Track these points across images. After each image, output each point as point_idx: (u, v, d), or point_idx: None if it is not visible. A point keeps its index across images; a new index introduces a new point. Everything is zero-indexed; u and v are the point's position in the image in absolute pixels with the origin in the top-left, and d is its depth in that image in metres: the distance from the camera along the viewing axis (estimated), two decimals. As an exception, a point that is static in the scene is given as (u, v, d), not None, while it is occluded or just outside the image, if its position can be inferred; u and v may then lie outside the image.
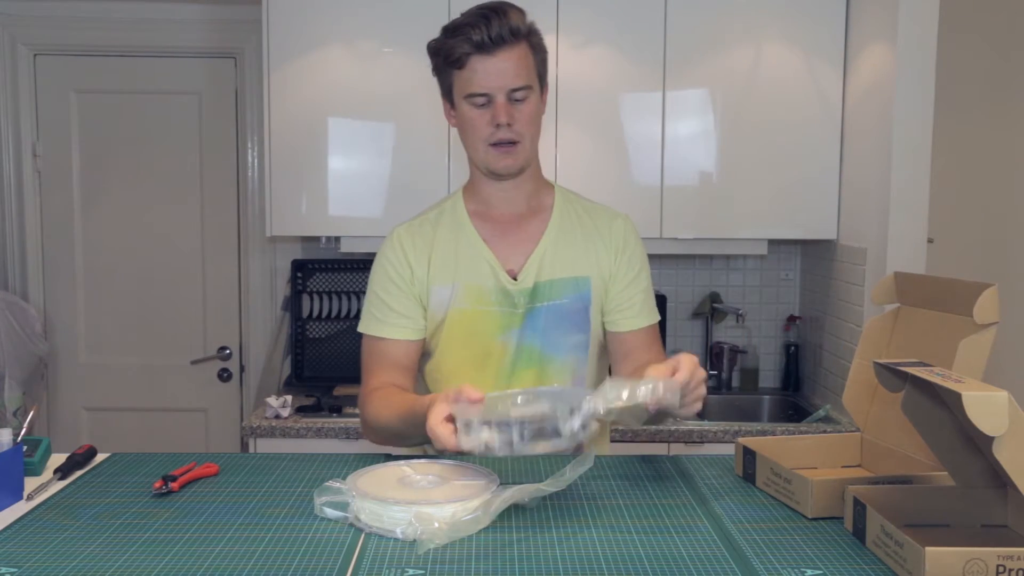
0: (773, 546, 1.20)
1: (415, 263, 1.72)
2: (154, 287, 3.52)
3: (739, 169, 3.04)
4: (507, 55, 1.60)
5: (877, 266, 2.75)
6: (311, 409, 2.98)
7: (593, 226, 1.77)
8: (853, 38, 2.96)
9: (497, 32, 1.58)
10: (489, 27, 1.58)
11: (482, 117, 1.63)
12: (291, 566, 1.15)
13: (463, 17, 1.63)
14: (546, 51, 1.70)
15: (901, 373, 1.22)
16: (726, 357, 3.39)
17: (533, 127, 1.67)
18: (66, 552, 1.20)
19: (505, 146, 1.64)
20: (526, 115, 1.64)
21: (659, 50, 2.99)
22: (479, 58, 1.59)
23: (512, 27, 1.60)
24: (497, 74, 1.60)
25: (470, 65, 1.60)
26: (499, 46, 1.59)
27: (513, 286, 1.70)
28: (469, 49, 1.59)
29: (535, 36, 1.66)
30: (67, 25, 3.42)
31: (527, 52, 1.63)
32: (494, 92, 1.61)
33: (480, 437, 1.25)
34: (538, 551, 1.20)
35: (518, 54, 1.61)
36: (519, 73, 1.61)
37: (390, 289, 1.73)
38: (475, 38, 1.58)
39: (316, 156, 3.02)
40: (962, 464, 1.25)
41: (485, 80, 1.60)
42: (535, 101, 1.65)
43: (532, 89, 1.64)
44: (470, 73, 1.61)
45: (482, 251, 1.72)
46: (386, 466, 1.44)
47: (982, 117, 3.35)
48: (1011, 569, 1.05)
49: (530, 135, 1.67)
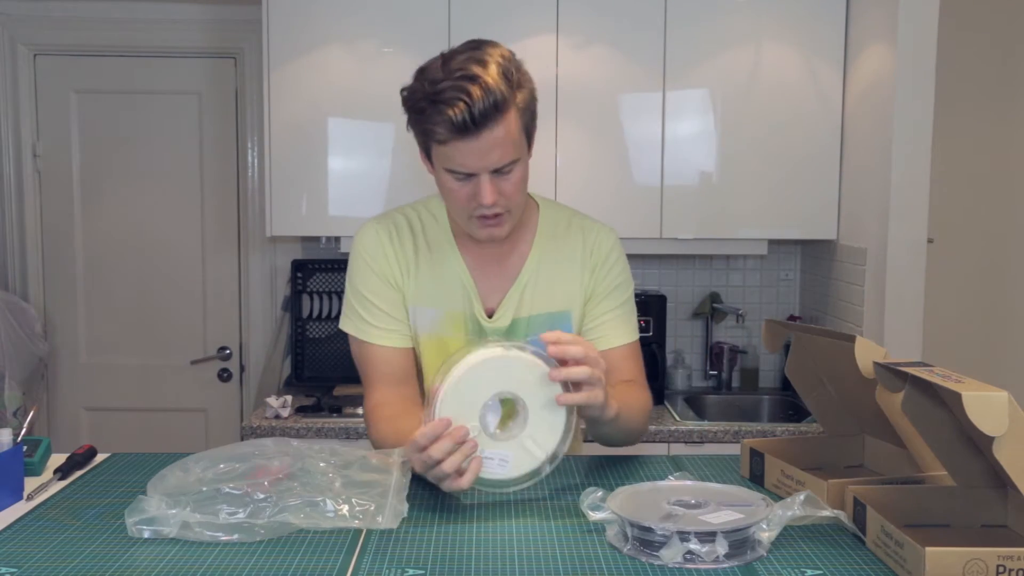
0: (773, 546, 1.20)
1: (400, 271, 1.64)
2: (154, 287, 3.52)
3: (739, 169, 3.04)
4: (492, 134, 1.42)
5: (877, 266, 2.75)
6: (311, 409, 2.98)
7: (573, 247, 1.67)
8: (853, 38, 2.96)
9: (480, 110, 1.39)
10: (471, 104, 1.39)
11: (463, 189, 1.49)
12: (291, 566, 1.15)
13: (441, 74, 1.42)
14: (534, 100, 1.52)
15: (901, 373, 1.22)
16: (726, 357, 3.39)
17: (520, 194, 1.54)
18: (66, 552, 1.19)
19: (490, 218, 1.52)
20: (512, 185, 1.50)
21: (659, 50, 2.99)
22: (460, 141, 1.42)
23: (496, 100, 1.40)
24: (480, 156, 1.44)
25: (450, 144, 1.44)
26: (483, 127, 1.41)
27: (488, 323, 1.63)
28: (447, 135, 1.42)
29: (522, 91, 1.47)
30: (67, 25, 3.42)
31: (513, 120, 1.45)
32: (477, 171, 1.46)
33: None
34: (538, 551, 1.20)
35: (504, 128, 1.43)
36: (505, 152, 1.45)
37: (376, 288, 1.64)
38: (456, 120, 1.39)
39: (316, 156, 3.02)
40: (962, 464, 1.25)
41: (467, 161, 1.45)
42: (522, 168, 1.51)
43: (519, 159, 1.49)
44: (451, 151, 1.45)
45: (466, 281, 1.63)
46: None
47: (982, 117, 3.35)
48: (1011, 569, 1.05)
49: (518, 203, 1.54)
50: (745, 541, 1.17)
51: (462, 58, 1.44)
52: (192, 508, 1.23)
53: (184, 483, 1.27)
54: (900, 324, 2.68)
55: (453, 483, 1.30)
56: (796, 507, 1.19)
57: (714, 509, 1.21)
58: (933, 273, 2.83)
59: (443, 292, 1.64)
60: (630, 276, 1.72)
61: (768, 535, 1.18)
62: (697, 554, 1.14)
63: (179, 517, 1.22)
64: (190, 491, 1.26)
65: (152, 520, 1.23)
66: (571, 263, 1.67)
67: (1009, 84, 3.35)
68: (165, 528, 1.23)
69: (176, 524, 1.22)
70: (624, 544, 1.19)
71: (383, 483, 1.33)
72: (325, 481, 1.30)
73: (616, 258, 1.69)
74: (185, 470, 1.29)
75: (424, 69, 1.49)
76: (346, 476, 1.33)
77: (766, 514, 1.19)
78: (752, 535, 1.18)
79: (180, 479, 1.28)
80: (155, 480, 1.28)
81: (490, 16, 2.98)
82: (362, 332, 1.66)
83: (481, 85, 1.40)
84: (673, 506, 1.23)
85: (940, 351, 2.89)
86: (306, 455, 1.35)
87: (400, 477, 1.35)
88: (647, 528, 1.16)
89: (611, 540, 1.22)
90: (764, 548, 1.18)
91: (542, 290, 1.65)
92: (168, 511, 1.23)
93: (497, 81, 1.41)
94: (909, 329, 2.69)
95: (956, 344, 3.29)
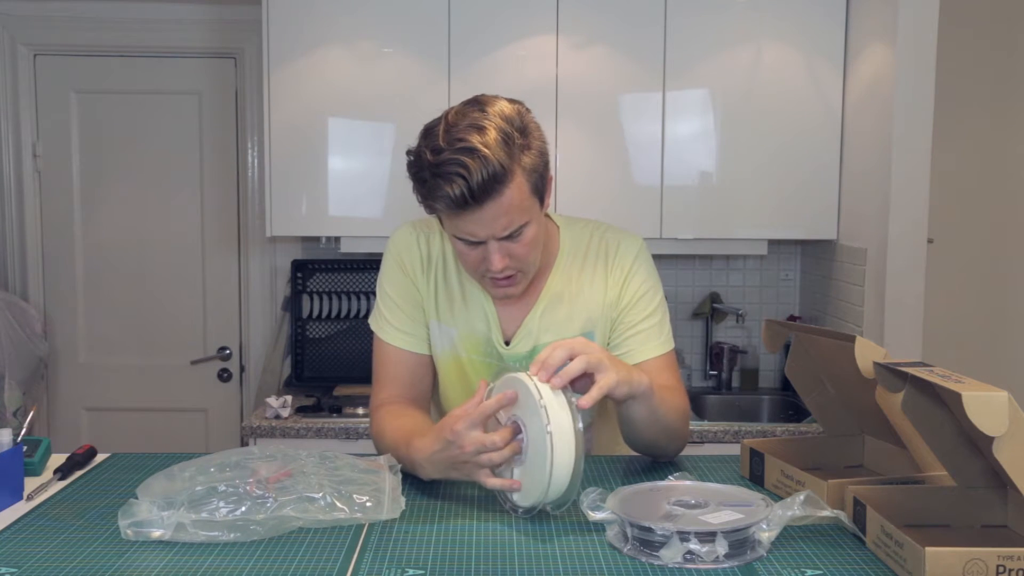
0: (773, 546, 1.20)
1: (426, 277, 1.64)
2: (154, 287, 3.52)
3: (739, 169, 3.04)
4: (495, 204, 1.38)
5: (877, 266, 2.75)
6: (311, 409, 2.98)
7: (597, 264, 1.63)
8: (853, 38, 2.96)
9: (479, 184, 1.35)
10: (469, 179, 1.34)
11: (473, 253, 1.47)
12: (291, 566, 1.15)
13: (442, 143, 1.37)
14: (543, 158, 1.46)
15: (901, 373, 1.22)
16: (726, 357, 3.39)
17: (533, 254, 1.50)
18: (66, 552, 1.19)
19: (502, 280, 1.50)
20: (523, 248, 1.47)
21: (659, 50, 2.99)
22: (463, 213, 1.39)
23: (495, 172, 1.35)
24: (485, 225, 1.41)
25: (455, 216, 1.41)
26: (484, 199, 1.37)
27: (505, 350, 1.61)
28: (448, 210, 1.39)
29: (528, 154, 1.41)
30: (67, 25, 3.42)
31: (519, 185, 1.40)
32: (484, 239, 1.44)
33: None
34: (538, 551, 1.20)
35: (508, 197, 1.38)
36: (511, 219, 1.41)
37: (400, 287, 1.64)
38: (454, 195, 1.36)
39: (316, 156, 3.02)
40: (962, 464, 1.25)
41: (473, 230, 1.42)
42: (534, 228, 1.47)
43: (529, 222, 1.45)
44: (457, 221, 1.42)
45: (487, 305, 1.62)
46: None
47: (982, 117, 3.35)
48: (1011, 569, 1.05)
49: (531, 262, 1.51)
50: (745, 541, 1.17)
51: (463, 125, 1.38)
52: (187, 508, 1.22)
53: (170, 490, 1.25)
54: (900, 324, 2.68)
55: (485, 477, 1.30)
56: (796, 507, 1.19)
57: (714, 509, 1.21)
58: (933, 273, 2.83)
59: (465, 312, 1.63)
60: (658, 284, 1.66)
61: (768, 535, 1.18)
62: (697, 554, 1.14)
63: (173, 518, 1.22)
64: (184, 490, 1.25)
65: (145, 523, 1.22)
66: (594, 281, 1.63)
67: (1009, 84, 3.35)
68: (158, 530, 1.22)
69: (171, 526, 1.22)
70: (624, 544, 1.19)
71: (376, 482, 1.33)
72: (320, 480, 1.30)
73: (640, 267, 1.64)
74: (171, 478, 1.28)
75: (428, 132, 1.43)
76: (339, 476, 1.33)
77: (766, 514, 1.19)
78: (752, 535, 1.18)
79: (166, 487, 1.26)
80: (142, 487, 1.27)
81: (490, 16, 2.98)
82: (381, 330, 1.66)
83: (480, 158, 1.35)
84: (673, 506, 1.23)
85: (940, 351, 2.89)
86: (294, 459, 1.35)
87: (392, 477, 1.35)
88: (647, 528, 1.16)
89: (611, 540, 1.22)
90: (764, 548, 1.18)
91: (563, 315, 1.61)
92: (161, 513, 1.22)
93: (496, 151, 1.36)
94: (909, 329, 2.69)
95: (956, 344, 3.29)
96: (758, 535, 1.18)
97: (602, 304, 1.63)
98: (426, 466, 1.40)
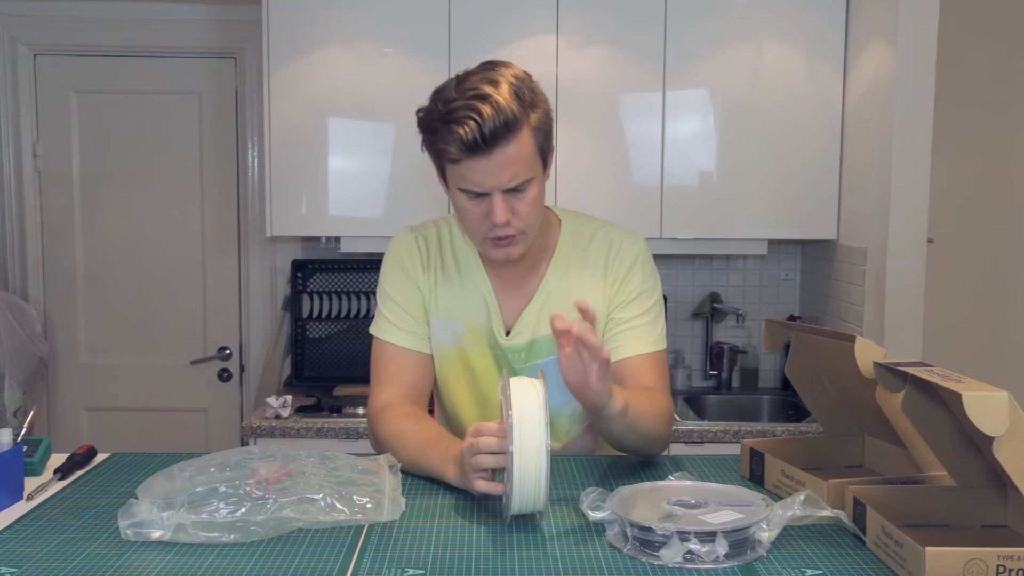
0: (773, 546, 1.20)
1: (427, 278, 1.66)
2: (154, 287, 3.52)
3: (739, 169, 3.04)
4: (503, 152, 1.42)
5: (877, 266, 2.75)
6: (311, 409, 2.98)
7: (597, 260, 1.65)
8: (853, 38, 2.96)
9: (491, 128, 1.40)
10: (482, 123, 1.39)
11: (477, 208, 1.49)
12: (291, 566, 1.15)
13: (454, 94, 1.43)
14: (549, 120, 1.51)
15: (901, 373, 1.22)
16: (726, 357, 3.39)
17: (535, 214, 1.53)
18: (66, 552, 1.19)
19: (504, 239, 1.52)
20: (526, 205, 1.49)
21: (659, 50, 2.99)
22: (472, 159, 1.43)
23: (507, 119, 1.41)
24: (492, 174, 1.44)
25: (463, 163, 1.44)
26: (494, 145, 1.41)
27: (505, 341, 1.63)
28: (459, 153, 1.43)
29: (536, 112, 1.47)
30: (67, 25, 3.42)
31: (527, 138, 1.45)
32: (490, 190, 1.46)
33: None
34: (538, 551, 1.20)
35: (517, 147, 1.43)
36: (517, 171, 1.45)
37: (402, 288, 1.66)
38: (467, 138, 1.40)
39: (316, 156, 3.02)
40: (962, 464, 1.25)
41: (479, 179, 1.45)
42: (537, 187, 1.50)
43: (533, 179, 1.49)
44: (463, 170, 1.45)
45: (488, 297, 1.64)
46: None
47: (982, 117, 3.35)
48: (1011, 569, 1.05)
49: (532, 223, 1.53)
50: (745, 541, 1.17)
51: (475, 79, 1.45)
52: (187, 509, 1.22)
53: (170, 490, 1.25)
54: (900, 324, 2.68)
55: (475, 480, 1.30)
56: (796, 507, 1.19)
57: (714, 509, 1.21)
58: (933, 273, 2.83)
59: (466, 307, 1.64)
60: (657, 285, 1.67)
61: (768, 535, 1.18)
62: (697, 554, 1.14)
63: (173, 519, 1.22)
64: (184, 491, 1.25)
65: (145, 523, 1.22)
66: (594, 277, 1.65)
67: (1009, 84, 3.35)
68: (158, 531, 1.22)
69: (171, 527, 1.21)
70: (624, 544, 1.19)
71: (377, 482, 1.33)
72: (320, 481, 1.30)
73: (640, 266, 1.65)
74: (171, 478, 1.28)
75: (439, 90, 1.49)
76: (339, 476, 1.33)
77: (766, 514, 1.19)
78: (752, 535, 1.18)
79: (166, 487, 1.26)
80: (142, 487, 1.27)
81: (490, 16, 2.98)
82: (383, 331, 1.67)
83: (492, 104, 1.40)
84: (673, 506, 1.23)
85: (940, 351, 2.89)
86: (294, 459, 1.35)
87: (392, 477, 1.35)
88: (647, 528, 1.16)
89: (611, 540, 1.22)
90: (764, 548, 1.18)
91: (561, 308, 1.60)
92: (161, 513, 1.22)
93: (508, 100, 1.41)
94: (909, 329, 2.69)
95: (956, 344, 3.29)
96: (758, 535, 1.18)
97: (601, 301, 1.64)
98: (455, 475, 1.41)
